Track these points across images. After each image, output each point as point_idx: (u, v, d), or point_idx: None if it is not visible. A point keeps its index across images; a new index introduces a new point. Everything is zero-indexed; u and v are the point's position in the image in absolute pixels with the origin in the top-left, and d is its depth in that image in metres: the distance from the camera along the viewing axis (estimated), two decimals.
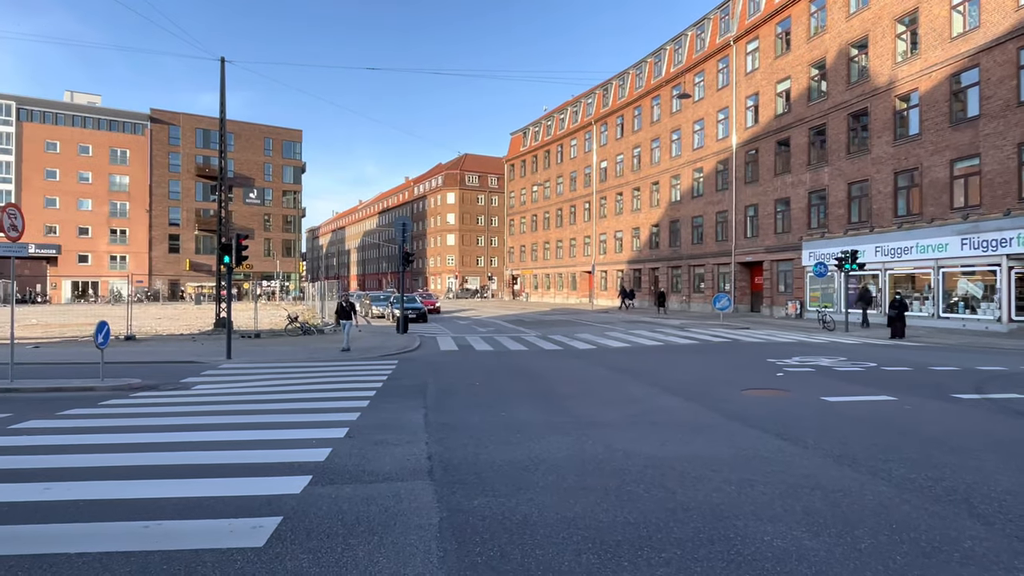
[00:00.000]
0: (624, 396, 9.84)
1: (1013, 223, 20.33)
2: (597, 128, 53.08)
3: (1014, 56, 20.73)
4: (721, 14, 38.02)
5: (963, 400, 9.25)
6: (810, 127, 30.40)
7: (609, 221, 51.18)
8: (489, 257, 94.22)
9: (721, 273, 37.91)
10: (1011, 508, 4.73)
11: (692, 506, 4.77)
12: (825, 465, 5.88)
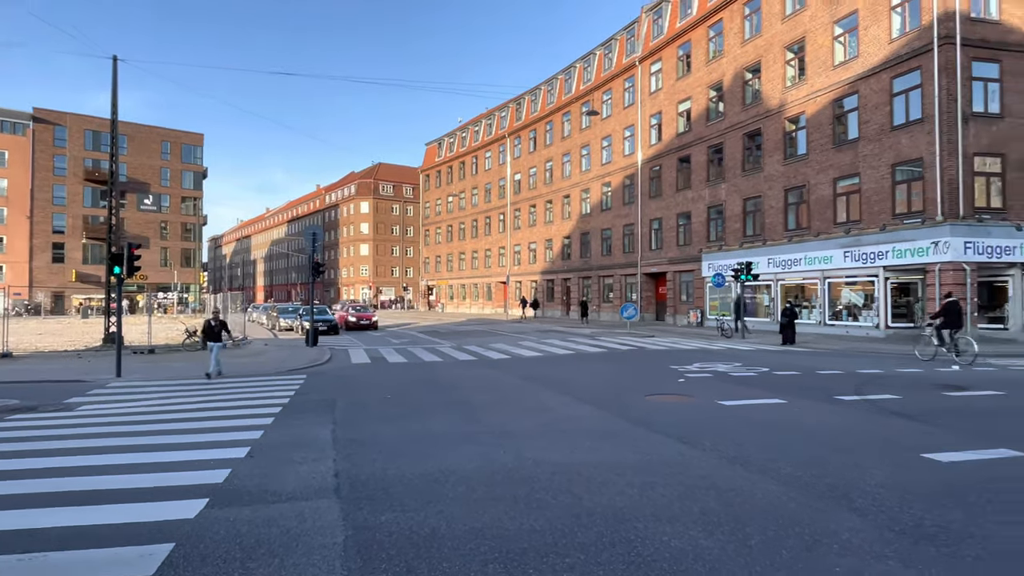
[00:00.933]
0: (536, 405, 9.99)
1: (889, 237, 22.26)
2: (511, 141, 53.79)
3: (888, 85, 22.79)
4: (627, 35, 39.59)
5: (845, 401, 10.01)
6: (709, 145, 32.12)
7: (523, 232, 51.86)
8: (404, 267, 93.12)
9: (628, 283, 39.23)
10: (884, 501, 5.15)
11: (597, 511, 4.91)
12: (720, 466, 6.20)
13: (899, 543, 4.28)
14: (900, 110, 22.30)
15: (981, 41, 20.78)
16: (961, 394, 10.57)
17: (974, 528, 4.52)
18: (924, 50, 21.19)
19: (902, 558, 4.04)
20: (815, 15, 25.84)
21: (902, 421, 8.40)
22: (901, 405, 9.56)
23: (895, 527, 4.56)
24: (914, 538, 4.36)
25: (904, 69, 22.06)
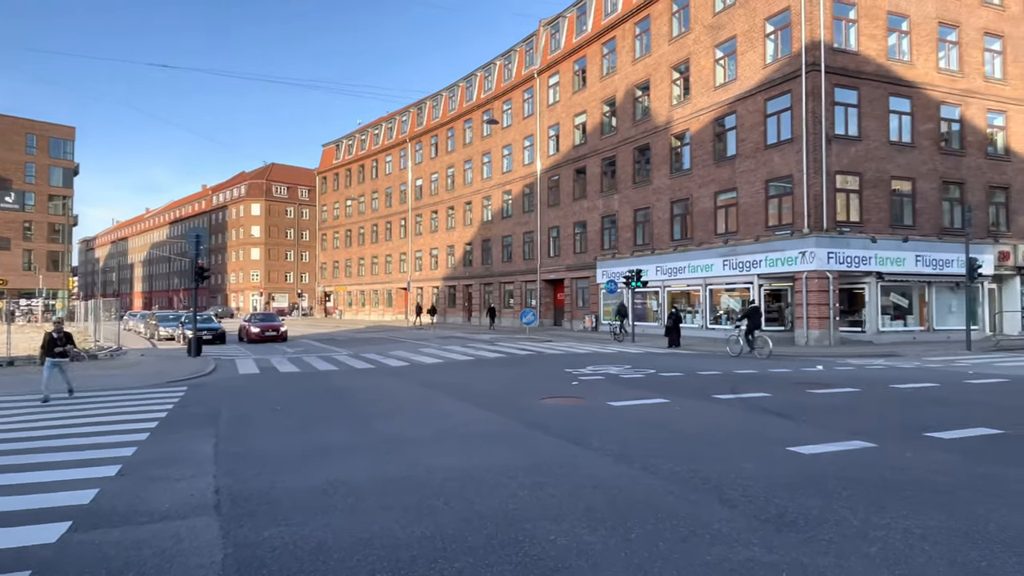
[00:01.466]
0: (434, 411, 9.97)
1: (762, 247, 24.03)
2: (412, 146, 53.35)
3: (762, 106, 24.64)
4: (526, 47, 40.43)
5: (722, 400, 10.71)
6: (603, 158, 33.37)
7: (425, 238, 51.52)
8: (299, 273, 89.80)
9: (528, 289, 39.93)
10: (752, 492, 5.57)
11: (487, 514, 4.99)
12: (607, 465, 6.47)
13: (764, 531, 4.64)
14: (773, 130, 24.19)
15: (842, 69, 22.94)
16: (823, 391, 11.59)
17: (829, 514, 4.98)
18: (794, 76, 23.11)
19: (766, 544, 4.39)
20: (698, 38, 27.54)
21: (771, 417, 9.11)
22: (771, 403, 10.36)
23: (761, 516, 4.94)
24: (777, 525, 4.74)
25: (776, 92, 23.96)
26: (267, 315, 32.30)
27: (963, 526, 4.64)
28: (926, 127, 24.32)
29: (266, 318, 30.52)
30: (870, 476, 6.01)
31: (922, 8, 24.29)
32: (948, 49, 25.03)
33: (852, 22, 23.32)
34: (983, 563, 4.00)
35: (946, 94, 24.70)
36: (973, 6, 25.29)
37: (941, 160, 24.56)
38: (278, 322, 29.71)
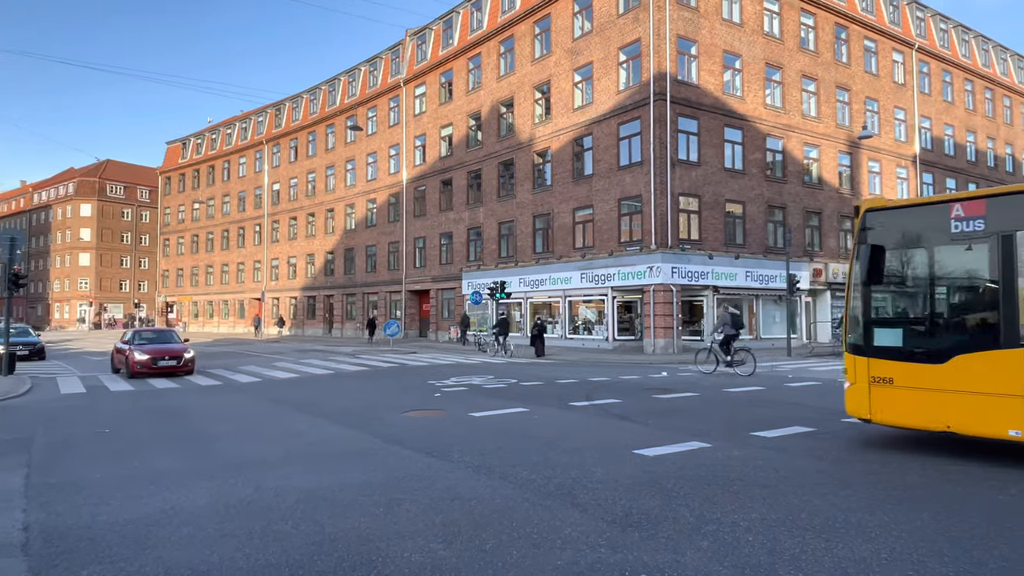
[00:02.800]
0: (285, 430, 9.47)
1: (615, 262, 25.47)
2: (269, 148, 50.76)
3: (615, 129, 26.21)
4: (392, 56, 40.05)
5: (577, 407, 11.17)
6: (469, 171, 33.78)
7: (282, 246, 49.08)
8: (137, 281, 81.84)
9: (393, 300, 39.32)
10: (601, 494, 5.84)
11: (340, 535, 4.82)
12: (466, 476, 6.51)
13: (611, 532, 4.89)
14: (625, 152, 25.81)
15: (685, 100, 25.01)
16: (667, 396, 12.47)
17: (668, 512, 5.34)
18: (643, 103, 24.83)
19: (612, 545, 4.62)
20: (559, 61, 28.79)
21: (621, 422, 9.64)
22: (621, 408, 10.97)
23: (608, 518, 5.20)
24: (623, 526, 5.01)
25: (628, 118, 25.61)
26: (160, 332, 20.42)
27: (781, 516, 5.18)
28: (755, 156, 27.14)
29: (159, 337, 19.52)
30: (704, 474, 6.53)
31: (752, 50, 27.14)
32: (774, 87, 28.14)
33: (694, 57, 25.53)
34: (797, 549, 4.48)
35: (771, 127, 27.73)
36: (793, 51, 28.67)
37: (767, 186, 27.49)
38: (179, 344, 18.89)
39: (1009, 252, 6.69)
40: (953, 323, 7.56)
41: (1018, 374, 6.51)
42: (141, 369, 17.28)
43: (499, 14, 32.22)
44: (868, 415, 7.67)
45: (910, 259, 7.73)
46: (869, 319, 7.78)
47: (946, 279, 7.63)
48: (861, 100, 31.48)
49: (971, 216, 7.01)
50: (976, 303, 7.43)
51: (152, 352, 17.67)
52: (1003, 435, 6.66)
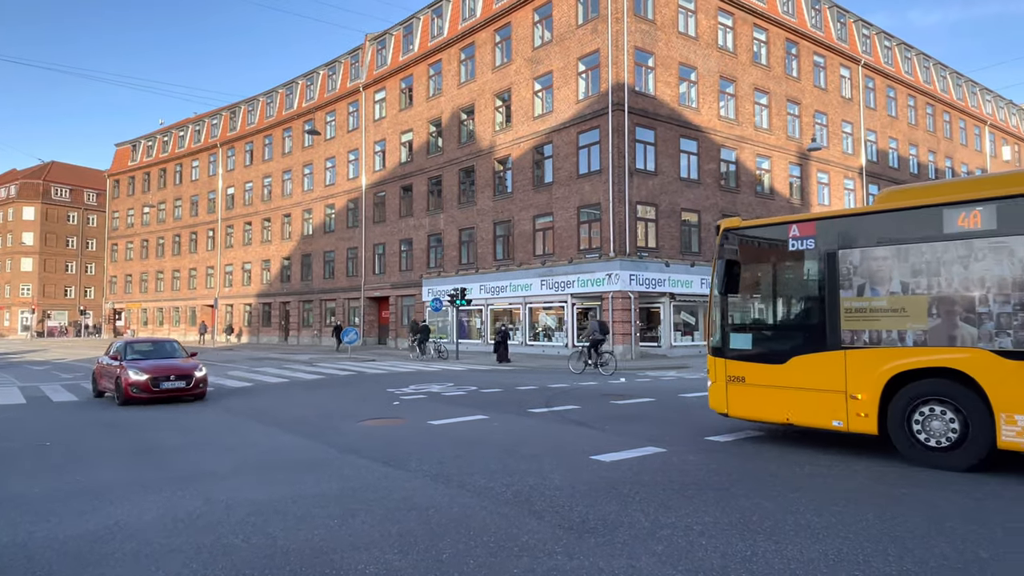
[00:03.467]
0: (238, 440, 9.24)
1: (575, 269, 25.69)
2: (223, 151, 49.65)
3: (575, 138, 26.48)
4: (352, 60, 39.69)
5: (536, 414, 11.20)
6: (429, 177, 33.65)
7: (236, 251, 47.99)
8: (83, 287, 78.86)
9: (352, 307, 38.80)
10: (559, 501, 5.86)
11: (292, 548, 4.72)
12: (423, 485, 6.45)
13: (568, 539, 4.90)
14: (584, 161, 26.10)
15: (642, 111, 25.44)
16: (625, 402, 12.61)
17: (624, 517, 5.39)
18: (602, 113, 25.17)
19: (568, 552, 4.64)
20: (519, 70, 28.98)
21: (579, 428, 9.70)
22: (580, 414, 11.04)
23: (565, 524, 5.22)
24: (579, 532, 5.04)
25: (587, 127, 25.91)
26: (157, 344, 15.37)
27: (734, 519, 5.28)
28: (709, 166, 27.78)
29: (158, 350, 14.83)
30: (660, 479, 6.62)
31: (707, 63, 27.81)
32: (727, 100, 28.87)
33: (651, 69, 26.01)
34: (748, 552, 4.58)
35: (725, 139, 28.43)
36: (746, 64, 29.48)
37: (721, 196, 28.15)
38: (186, 361, 14.31)
39: (833, 267, 7.70)
40: (791, 328, 8.51)
41: (839, 373, 7.55)
42: (138, 393, 12.90)
43: (460, 21, 32.27)
44: (726, 410, 8.73)
45: (758, 272, 8.75)
46: (726, 325, 8.76)
47: (786, 290, 8.65)
48: (811, 113, 32.55)
49: (804, 236, 8.00)
50: (808, 311, 8.28)
51: (152, 371, 13.24)
52: (828, 425, 7.71)
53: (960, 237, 6.91)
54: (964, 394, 6.86)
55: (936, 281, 7.09)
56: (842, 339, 7.59)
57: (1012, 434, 6.51)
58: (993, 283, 6.74)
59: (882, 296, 7.42)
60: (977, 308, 6.83)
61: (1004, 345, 6.63)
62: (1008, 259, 6.65)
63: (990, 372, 6.65)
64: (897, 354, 7.25)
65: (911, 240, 7.26)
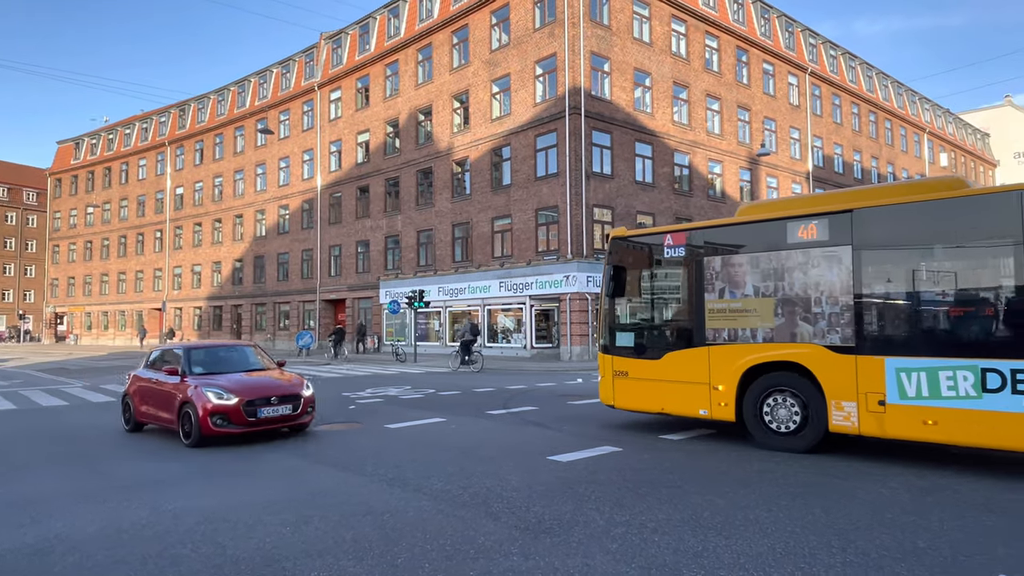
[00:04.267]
0: (186, 448, 8.96)
1: (534, 271, 25.82)
2: (172, 150, 48.19)
3: (532, 141, 26.62)
4: (306, 59, 39.04)
5: (494, 415, 11.21)
6: (387, 178, 33.34)
7: (185, 253, 46.62)
8: (22, 291, 75.33)
9: (307, 310, 38.12)
10: (515, 502, 5.88)
11: (243, 557, 4.61)
12: (379, 490, 6.39)
13: (524, 539, 4.93)
14: (542, 164, 26.26)
15: (599, 115, 25.75)
16: (582, 403, 12.73)
17: (580, 516, 5.45)
18: (559, 116, 25.38)
19: (524, 552, 4.66)
20: (477, 72, 28.98)
21: (537, 429, 9.76)
22: (537, 416, 11.10)
23: (522, 525, 5.25)
24: (535, 533, 5.07)
25: (545, 130, 26.09)
26: (229, 349, 10.72)
27: (686, 516, 5.39)
28: (664, 170, 28.29)
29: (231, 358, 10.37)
30: (615, 478, 6.71)
31: (661, 69, 28.33)
32: (681, 105, 29.46)
33: (607, 74, 26.35)
34: (700, 547, 4.68)
35: (679, 143, 29.00)
36: (699, 71, 30.14)
37: (675, 199, 28.70)
38: (284, 376, 9.99)
39: (700, 273, 8.67)
40: (665, 328, 9.48)
41: (704, 367, 8.51)
42: (224, 426, 8.69)
43: (417, 22, 32.09)
44: (612, 402, 9.63)
45: (640, 277, 9.62)
46: (612, 324, 9.69)
47: (662, 293, 9.56)
48: (760, 119, 33.49)
49: (677, 244, 8.98)
50: (680, 312, 9.26)
51: (244, 391, 8.95)
52: (696, 414, 8.65)
53: (800, 247, 7.86)
54: (804, 385, 7.75)
55: (781, 285, 8.00)
56: (706, 337, 8.54)
57: (840, 419, 7.45)
58: (825, 287, 7.65)
59: (738, 299, 8.33)
60: (813, 309, 7.74)
61: (834, 341, 7.54)
62: (837, 266, 7.57)
63: (823, 365, 7.56)
64: (750, 350, 8.16)
65: (762, 249, 8.20)
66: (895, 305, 7.42)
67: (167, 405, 9.42)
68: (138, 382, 10.40)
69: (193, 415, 8.73)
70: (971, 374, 6.64)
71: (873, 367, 7.22)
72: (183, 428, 9.00)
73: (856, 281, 7.43)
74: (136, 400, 10.25)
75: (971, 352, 6.72)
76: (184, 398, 8.99)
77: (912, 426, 7.01)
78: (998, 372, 6.49)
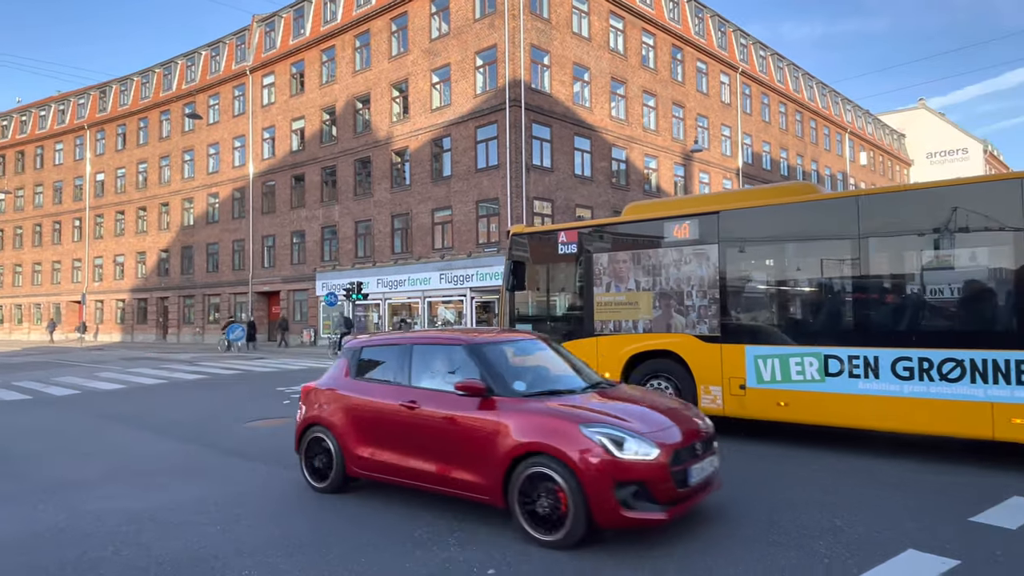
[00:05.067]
0: (109, 447, 8.58)
1: (475, 263, 25.79)
2: (92, 134, 45.63)
3: (473, 132, 26.52)
4: (237, 41, 37.60)
5: None
6: (323, 167, 32.56)
7: (107, 243, 44.31)
8: None
9: (239, 303, 36.92)
10: None
11: (168, 558, 4.47)
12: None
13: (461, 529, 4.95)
14: (483, 156, 26.20)
15: (539, 108, 25.88)
16: None
17: None
18: (499, 108, 25.37)
19: (460, 543, 4.69)
20: (416, 60, 28.62)
21: None
22: None
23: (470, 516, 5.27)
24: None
25: (485, 122, 26.03)
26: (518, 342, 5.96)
27: None
28: (602, 164, 28.73)
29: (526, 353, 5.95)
30: None
31: (599, 64, 28.71)
32: (618, 101, 29.94)
33: (546, 67, 26.51)
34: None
35: (616, 138, 29.50)
36: (636, 67, 30.70)
37: (612, 193, 29.21)
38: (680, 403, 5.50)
39: (589, 268, 9.30)
40: (560, 319, 9.96)
41: (593, 356, 9.08)
42: (641, 509, 4.39)
43: (354, 7, 31.36)
44: None
45: (537, 272, 10.16)
46: (513, 316, 10.16)
47: (557, 287, 10.10)
48: (694, 116, 34.42)
49: (570, 242, 9.51)
50: (572, 305, 9.81)
51: (657, 431, 4.68)
52: None
53: (675, 245, 8.54)
54: (678, 371, 8.45)
55: (659, 280, 8.66)
56: (595, 328, 9.19)
57: (708, 401, 8.19)
58: (696, 281, 8.33)
59: (623, 292, 8.97)
60: (686, 301, 8.44)
61: (703, 331, 8.26)
62: (705, 263, 8.25)
63: (694, 353, 8.28)
64: (632, 340, 8.85)
65: (643, 246, 8.86)
66: (753, 298, 8.18)
67: (460, 456, 5.05)
68: (343, 402, 6.02)
69: (574, 487, 4.40)
70: (815, 360, 7.38)
71: (735, 354, 7.94)
72: (526, 506, 4.63)
73: (721, 276, 8.10)
74: (351, 437, 5.80)
75: (816, 340, 7.47)
76: (520, 444, 4.68)
77: (768, 407, 7.74)
78: (838, 358, 7.24)
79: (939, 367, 6.66)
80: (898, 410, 6.87)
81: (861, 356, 7.08)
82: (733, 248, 8.10)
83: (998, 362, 6.37)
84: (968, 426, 6.56)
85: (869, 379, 7.02)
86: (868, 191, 7.54)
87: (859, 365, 7.09)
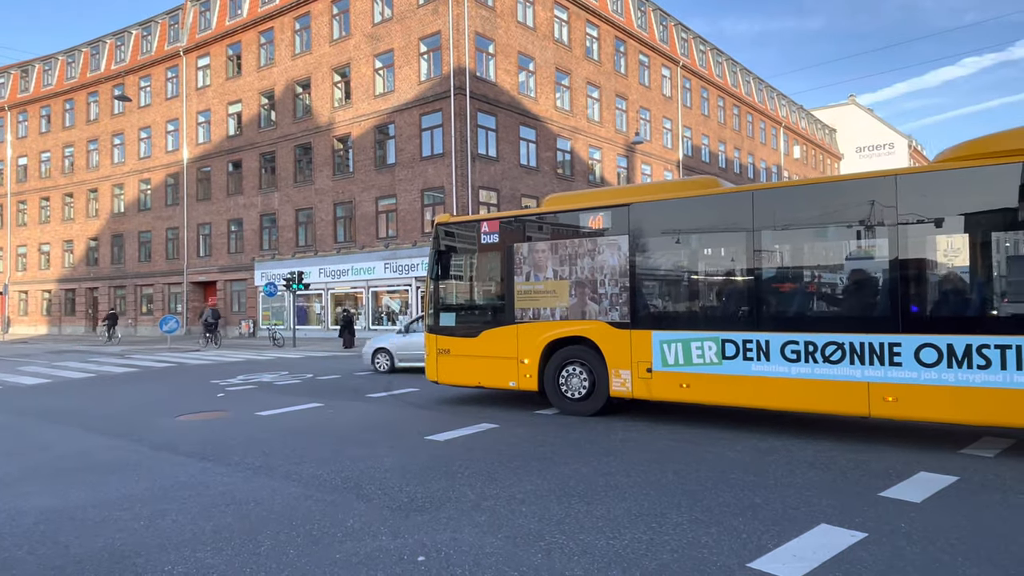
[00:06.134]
0: (27, 443, 8.19)
1: (419, 252, 25.58)
2: (13, 115, 43.02)
3: (418, 120, 26.23)
4: (170, 21, 36.02)
5: (375, 399, 11.10)
6: (261, 152, 31.62)
7: (31, 230, 41.97)
8: None
9: (173, 293, 35.61)
10: (389, 483, 5.90)
11: (88, 556, 4.32)
12: (245, 479, 6.17)
13: (394, 519, 4.96)
14: (428, 144, 25.97)
15: (484, 97, 25.79)
16: None
17: (452, 493, 5.57)
18: (444, 96, 25.16)
19: (393, 532, 4.70)
20: (358, 45, 28.05)
21: (417, 411, 9.79)
22: (419, 397, 11.13)
23: (393, 505, 5.28)
24: (406, 512, 5.12)
25: (430, 109, 25.78)
26: None
27: (553, 486, 5.66)
28: (547, 154, 28.90)
29: None
30: (489, 454, 6.90)
31: (544, 54, 28.79)
32: (563, 91, 30.12)
33: (491, 55, 26.41)
34: (563, 514, 4.94)
35: (561, 129, 29.70)
36: (580, 59, 30.92)
37: (557, 183, 29.43)
38: None
39: (510, 258, 9.54)
40: (482, 308, 10.23)
41: (513, 343, 9.43)
42: None
43: None
44: (436, 378, 10.32)
45: (461, 261, 10.42)
46: (437, 306, 10.38)
47: (479, 276, 10.32)
48: (636, 109, 34.96)
49: (492, 232, 9.80)
50: (494, 294, 10.05)
51: None
52: (506, 386, 9.55)
53: (590, 235, 8.89)
54: (592, 356, 8.80)
55: (575, 269, 8.97)
56: (516, 316, 9.45)
57: (618, 385, 8.56)
58: (608, 270, 8.68)
59: (541, 281, 9.27)
60: (599, 290, 8.76)
61: (614, 318, 8.60)
62: (617, 253, 8.60)
63: (606, 339, 8.63)
64: (550, 327, 9.15)
65: (560, 237, 9.20)
66: (660, 286, 8.70)
67: None
68: None
69: None
70: (713, 344, 7.81)
71: (643, 340, 8.33)
72: None
73: (631, 265, 8.47)
74: None
75: (714, 326, 7.93)
76: None
77: (672, 389, 8.15)
78: (734, 342, 7.68)
79: (822, 350, 7.12)
80: (787, 390, 7.32)
81: (754, 340, 7.52)
82: (642, 239, 8.50)
83: (873, 345, 6.86)
84: (848, 404, 7.05)
85: (761, 361, 7.47)
86: (761, 186, 7.92)
87: (752, 349, 7.53)
